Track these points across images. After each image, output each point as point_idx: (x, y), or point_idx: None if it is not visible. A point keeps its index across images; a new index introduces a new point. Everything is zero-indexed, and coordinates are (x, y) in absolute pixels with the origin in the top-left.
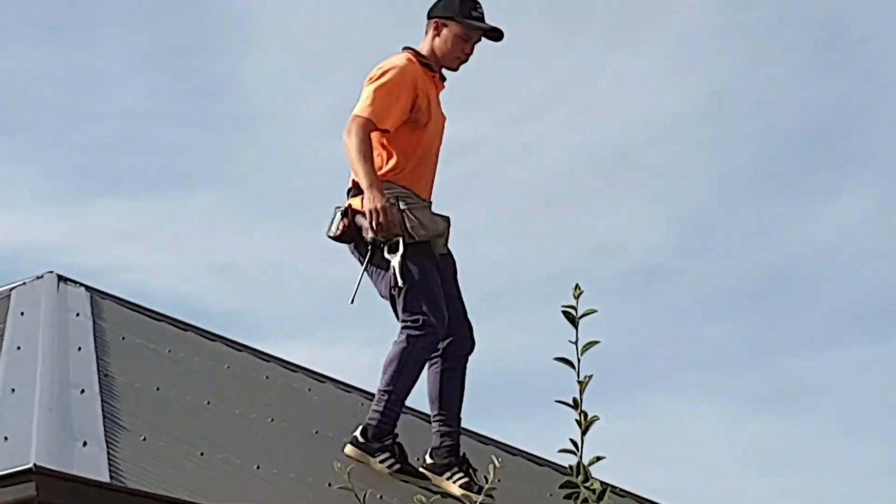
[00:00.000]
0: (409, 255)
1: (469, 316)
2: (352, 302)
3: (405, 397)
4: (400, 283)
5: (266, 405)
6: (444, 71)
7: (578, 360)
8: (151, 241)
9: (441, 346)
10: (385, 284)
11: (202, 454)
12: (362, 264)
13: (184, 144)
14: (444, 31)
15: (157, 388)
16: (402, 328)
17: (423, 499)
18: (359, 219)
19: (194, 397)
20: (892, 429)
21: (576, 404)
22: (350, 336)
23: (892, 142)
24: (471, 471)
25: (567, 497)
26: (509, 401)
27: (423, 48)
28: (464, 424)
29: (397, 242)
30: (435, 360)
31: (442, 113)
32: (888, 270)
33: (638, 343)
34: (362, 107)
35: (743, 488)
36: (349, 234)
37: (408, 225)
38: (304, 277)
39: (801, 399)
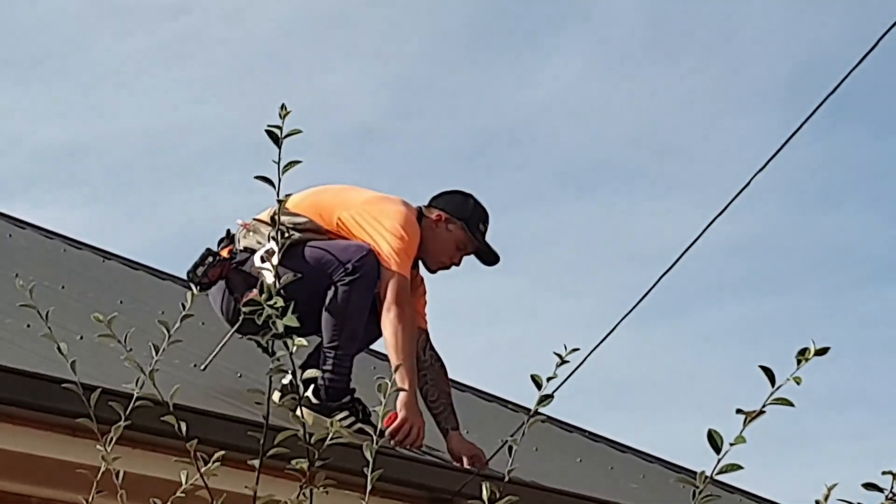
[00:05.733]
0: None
1: None
2: (203, 368)
3: (354, 349)
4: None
5: None
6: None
7: (279, 180)
8: None
9: None
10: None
11: None
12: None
13: None
14: (444, 229)
15: None
16: (335, 282)
17: (100, 316)
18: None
19: None
20: (599, 283)
21: (273, 222)
22: (63, 198)
23: (604, 3)
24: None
25: (250, 314)
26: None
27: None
28: None
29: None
30: None
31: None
32: (596, 130)
33: None
34: (395, 262)
35: (454, 342)
36: (214, 283)
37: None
38: (13, 139)
39: (514, 257)
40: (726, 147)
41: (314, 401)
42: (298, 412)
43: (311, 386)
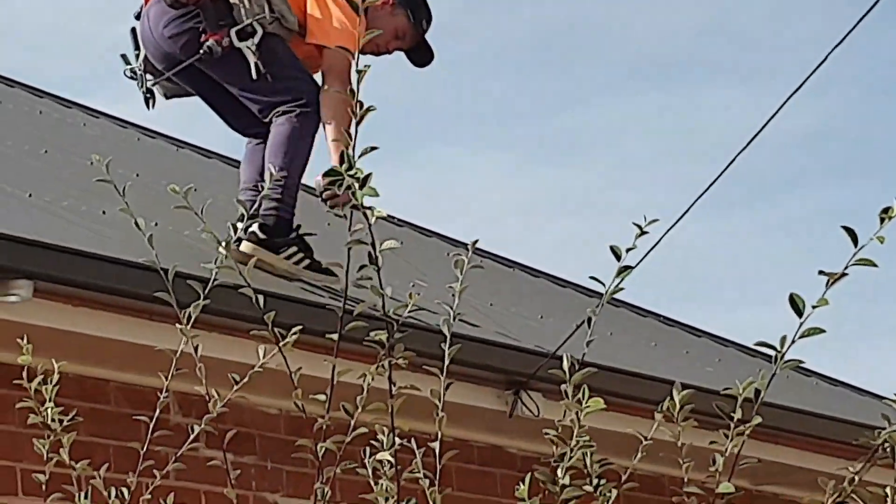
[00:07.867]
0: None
1: None
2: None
3: (300, 180)
4: (261, 70)
5: (40, 138)
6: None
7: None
8: None
9: None
10: (237, 73)
11: None
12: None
13: None
14: (388, 13)
15: None
16: (284, 111)
17: (177, 188)
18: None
19: None
20: (665, 175)
21: (353, 94)
22: (136, 96)
23: None
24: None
25: (330, 185)
26: None
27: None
28: None
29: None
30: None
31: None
32: (669, 20)
33: (423, 99)
34: (347, 39)
35: (532, 233)
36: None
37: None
38: (87, 39)
39: (585, 150)
40: (803, 36)
41: (261, 235)
42: (243, 247)
43: (255, 223)
